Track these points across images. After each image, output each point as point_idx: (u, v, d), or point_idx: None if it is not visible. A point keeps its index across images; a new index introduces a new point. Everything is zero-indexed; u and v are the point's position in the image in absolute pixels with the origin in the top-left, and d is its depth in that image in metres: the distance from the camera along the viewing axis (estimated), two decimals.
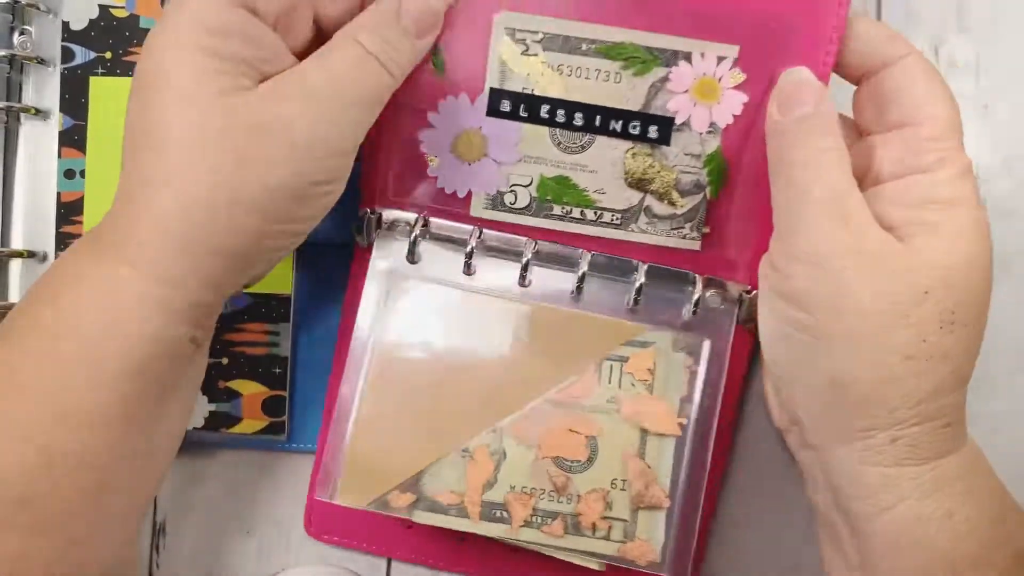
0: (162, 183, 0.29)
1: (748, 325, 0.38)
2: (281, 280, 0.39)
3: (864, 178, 0.32)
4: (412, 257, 0.37)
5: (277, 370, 0.39)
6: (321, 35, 0.32)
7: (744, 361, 0.39)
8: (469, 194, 0.37)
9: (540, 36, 0.34)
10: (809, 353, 0.31)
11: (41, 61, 0.37)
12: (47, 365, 0.29)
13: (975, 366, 0.31)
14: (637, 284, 0.36)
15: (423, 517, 0.35)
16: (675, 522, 0.35)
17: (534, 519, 0.35)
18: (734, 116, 0.34)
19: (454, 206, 0.37)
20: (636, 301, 0.37)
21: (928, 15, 0.42)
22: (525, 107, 0.35)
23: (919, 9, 0.42)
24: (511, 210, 0.37)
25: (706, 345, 0.36)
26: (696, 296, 0.36)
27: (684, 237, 0.37)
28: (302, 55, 0.31)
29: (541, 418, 0.36)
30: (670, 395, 0.36)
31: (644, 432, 0.36)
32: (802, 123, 0.31)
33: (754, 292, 0.37)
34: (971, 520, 0.30)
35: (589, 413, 0.36)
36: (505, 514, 0.35)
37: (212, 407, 0.39)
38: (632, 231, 0.37)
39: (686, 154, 0.35)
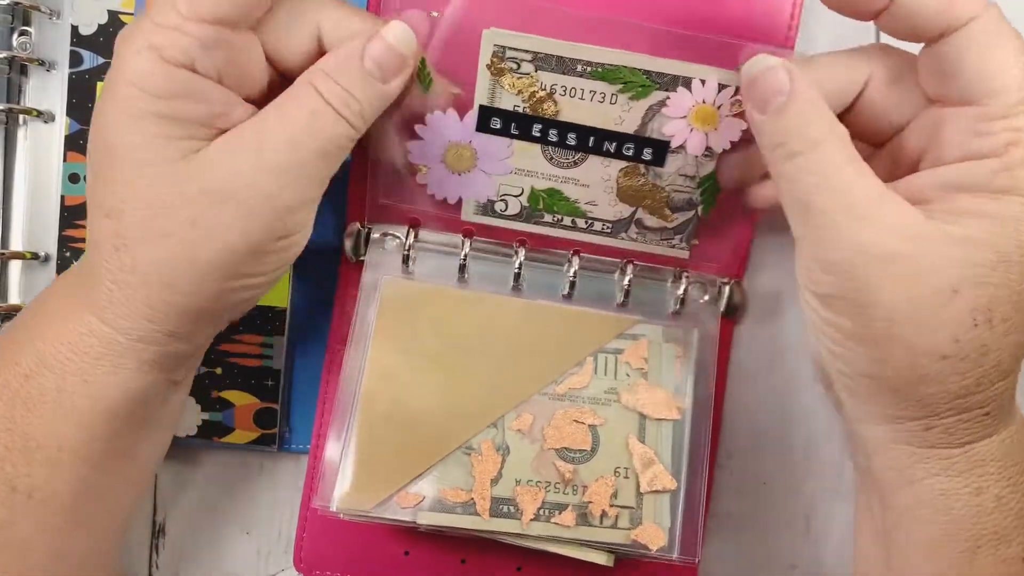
0: (121, 250, 0.29)
1: (730, 316, 0.39)
2: (277, 294, 0.39)
3: (926, 153, 0.30)
4: (406, 269, 0.38)
5: (270, 382, 0.39)
6: (286, 77, 0.31)
7: (726, 350, 0.40)
8: (460, 200, 0.37)
9: (532, 55, 0.32)
10: (843, 349, 0.29)
11: (42, 63, 0.37)
12: (19, 403, 0.30)
13: None
14: (626, 281, 0.37)
15: (429, 518, 0.35)
16: (680, 505, 0.36)
17: (543, 511, 0.35)
18: (731, 143, 0.33)
19: (445, 211, 0.37)
20: (625, 298, 0.38)
21: None
22: (516, 126, 0.34)
23: None
24: (502, 216, 0.37)
25: (695, 334, 0.38)
26: (682, 291, 0.38)
27: (673, 247, 0.38)
28: (266, 99, 0.30)
29: (542, 411, 0.36)
30: (665, 383, 0.37)
31: (644, 419, 0.37)
32: (781, 117, 0.28)
33: (733, 280, 0.39)
34: (1001, 498, 0.29)
35: (589, 404, 0.37)
36: (513, 509, 0.35)
37: (205, 416, 0.39)
38: (622, 239, 0.37)
39: (680, 175, 0.35)
